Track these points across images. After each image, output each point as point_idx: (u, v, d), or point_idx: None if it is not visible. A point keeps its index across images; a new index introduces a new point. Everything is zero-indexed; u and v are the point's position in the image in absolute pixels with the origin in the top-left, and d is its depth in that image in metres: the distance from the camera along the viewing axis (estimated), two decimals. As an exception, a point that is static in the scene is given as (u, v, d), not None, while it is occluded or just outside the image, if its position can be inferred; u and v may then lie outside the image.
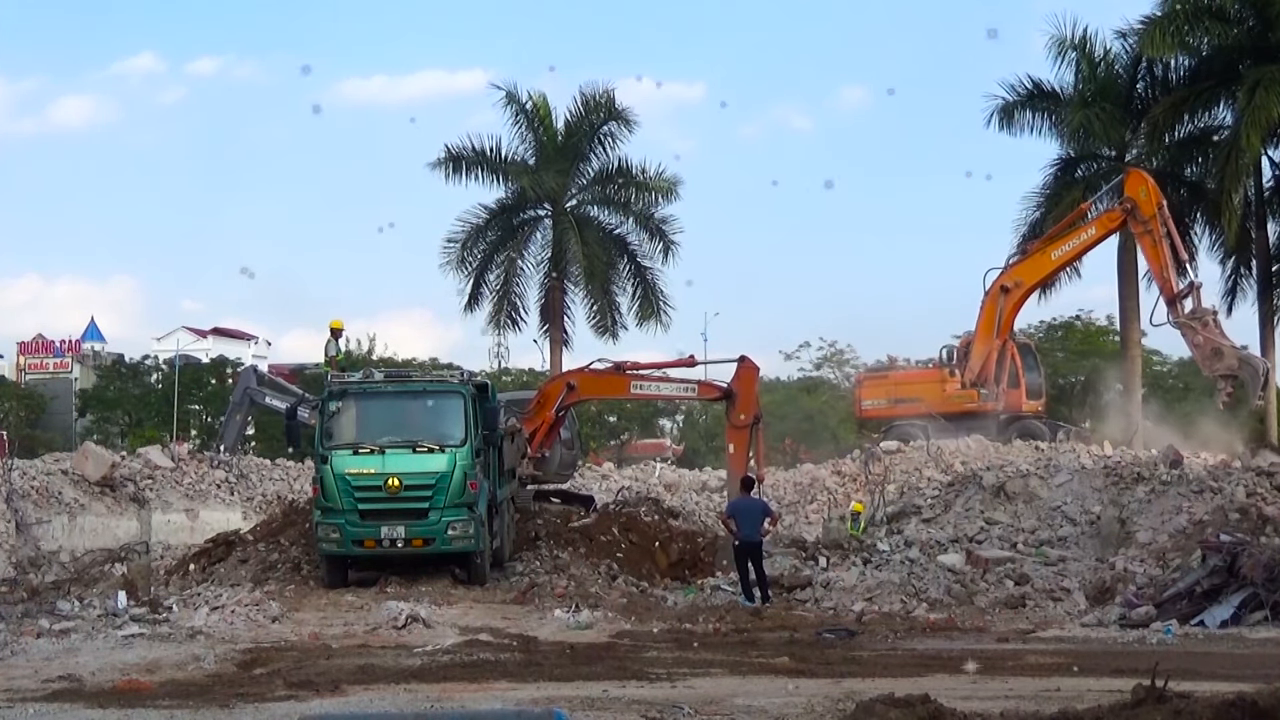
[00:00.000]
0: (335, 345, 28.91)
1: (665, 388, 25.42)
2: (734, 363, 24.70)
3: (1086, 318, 55.57)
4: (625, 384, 25.47)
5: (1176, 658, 13.96)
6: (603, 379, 25.70)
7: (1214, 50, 37.56)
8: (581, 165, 44.05)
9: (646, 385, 25.27)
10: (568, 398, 24.76)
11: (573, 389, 24.94)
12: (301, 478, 31.75)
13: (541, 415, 24.53)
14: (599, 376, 25.69)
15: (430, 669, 13.91)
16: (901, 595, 19.74)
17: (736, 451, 24.25)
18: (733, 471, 24.25)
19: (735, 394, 24.10)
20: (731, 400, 24.15)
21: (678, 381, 25.36)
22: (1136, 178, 24.57)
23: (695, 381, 25.30)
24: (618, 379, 25.44)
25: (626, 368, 25.28)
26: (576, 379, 25.49)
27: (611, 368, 25.33)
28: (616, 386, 25.96)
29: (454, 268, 43.35)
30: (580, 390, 25.18)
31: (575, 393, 24.99)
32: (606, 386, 26.08)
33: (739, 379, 24.30)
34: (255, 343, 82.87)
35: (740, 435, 24.08)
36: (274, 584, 20.79)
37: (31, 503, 27.49)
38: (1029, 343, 37.42)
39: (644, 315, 43.91)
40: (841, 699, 11.44)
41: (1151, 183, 27.38)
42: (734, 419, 24.14)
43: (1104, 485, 23.45)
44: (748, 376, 24.30)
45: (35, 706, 11.93)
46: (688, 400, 25.28)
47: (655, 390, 25.52)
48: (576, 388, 25.05)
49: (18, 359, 79.42)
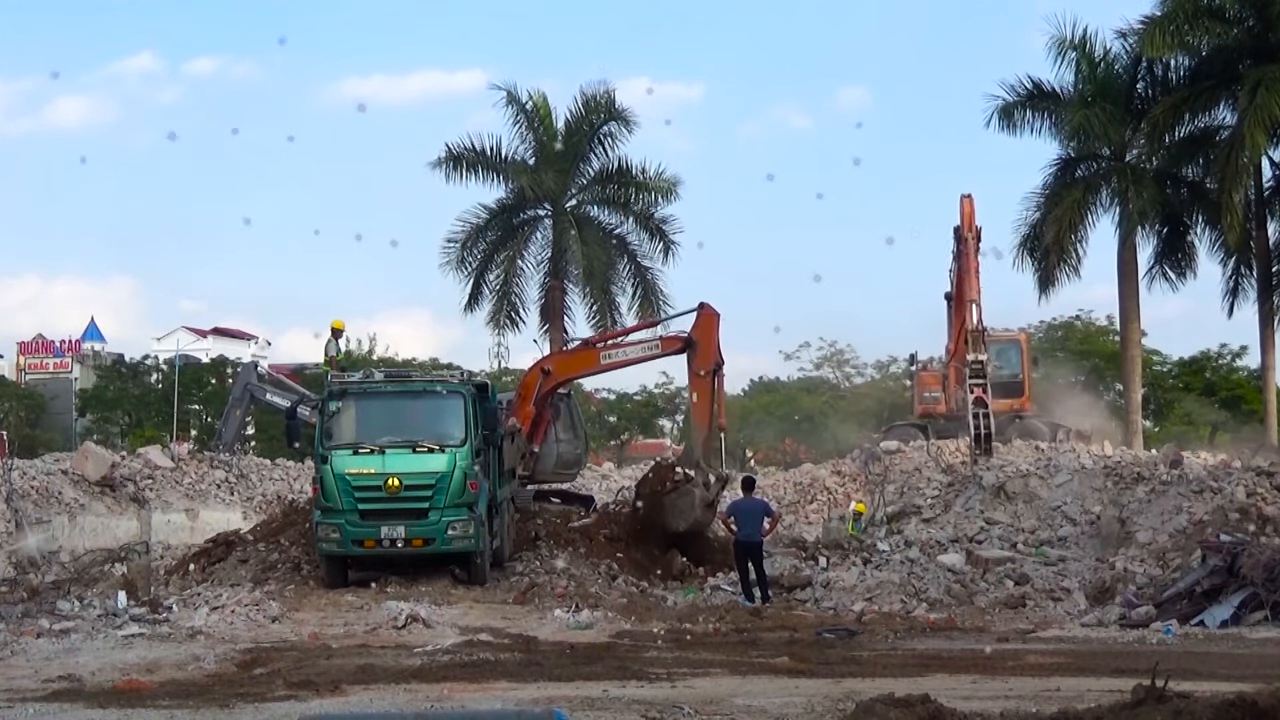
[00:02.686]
0: (335, 345, 28.90)
1: (631, 351, 24.96)
2: (694, 312, 24.23)
3: (1086, 318, 55.63)
4: (595, 356, 25.16)
5: (1176, 658, 13.96)
6: (574, 356, 25.62)
7: (1214, 50, 37.60)
8: (581, 165, 44.10)
9: (614, 353, 24.92)
10: (545, 384, 24.29)
11: (548, 374, 24.47)
12: (301, 478, 31.73)
13: (523, 410, 23.87)
14: (570, 355, 25.67)
15: (430, 669, 13.90)
16: (901, 595, 19.73)
17: (700, 400, 23.89)
18: (697, 423, 24.06)
19: (696, 342, 23.68)
20: (693, 349, 23.70)
21: (642, 342, 25.11)
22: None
23: (658, 338, 25.03)
24: (587, 353, 25.31)
25: (595, 341, 25.08)
26: (550, 363, 25.17)
27: (581, 344, 25.23)
28: (587, 360, 25.42)
29: (454, 268, 43.46)
30: (556, 373, 24.62)
31: (551, 377, 24.44)
32: (578, 363, 25.57)
33: (699, 327, 23.84)
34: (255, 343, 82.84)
35: (703, 384, 23.75)
36: (274, 584, 20.77)
37: (31, 503, 27.47)
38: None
39: (644, 315, 43.92)
40: (841, 699, 11.44)
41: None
42: (694, 368, 23.75)
43: (1104, 485, 23.44)
44: (707, 324, 23.77)
45: (35, 706, 11.92)
46: (653, 358, 24.92)
47: (623, 356, 24.94)
48: (552, 371, 24.58)
49: (18, 359, 79.42)
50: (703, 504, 22.90)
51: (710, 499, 23.05)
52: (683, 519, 22.90)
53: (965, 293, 32.06)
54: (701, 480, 22.91)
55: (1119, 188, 38.95)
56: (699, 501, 22.74)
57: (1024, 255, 40.34)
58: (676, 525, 22.88)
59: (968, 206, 32.75)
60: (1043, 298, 41.26)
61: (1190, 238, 40.41)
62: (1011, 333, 38.53)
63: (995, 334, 37.15)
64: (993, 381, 35.54)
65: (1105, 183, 39.84)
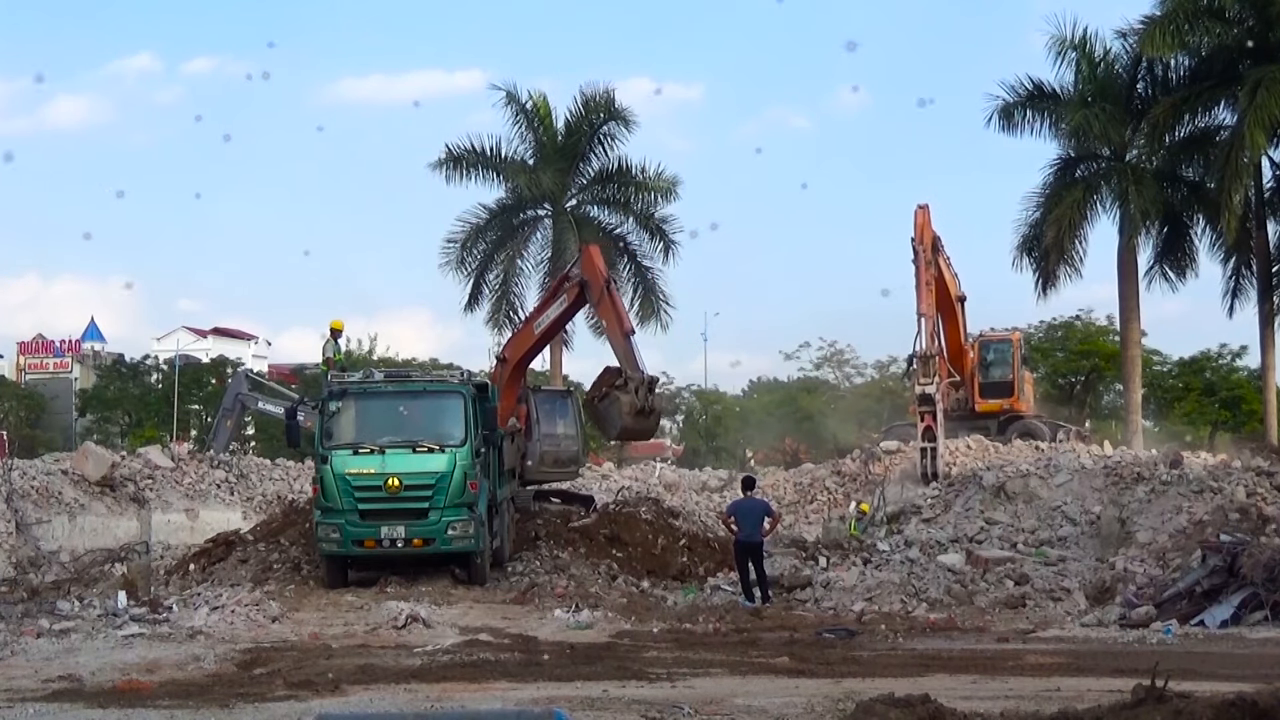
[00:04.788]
0: (334, 345, 28.87)
1: (553, 312, 25.55)
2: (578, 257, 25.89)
3: (1086, 318, 55.63)
4: (529, 329, 26.08)
5: (1176, 658, 13.94)
6: (517, 336, 26.61)
7: (1214, 50, 37.59)
8: (581, 165, 44.10)
9: (541, 320, 25.72)
10: (505, 373, 24.87)
11: (503, 361, 25.28)
12: (301, 478, 31.73)
13: (505, 405, 23.86)
14: (515, 336, 26.79)
15: (430, 669, 13.90)
16: (901, 595, 19.71)
17: (609, 323, 24.90)
18: (614, 341, 24.51)
19: (587, 280, 24.57)
20: (587, 286, 24.60)
21: (557, 301, 25.54)
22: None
23: (563, 294, 25.47)
24: (525, 329, 26.41)
25: (528, 318, 26.44)
26: (505, 350, 25.94)
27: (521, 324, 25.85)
28: (526, 337, 26.16)
29: (454, 268, 43.47)
30: (511, 359, 25.35)
31: (508, 364, 25.16)
32: (521, 342, 26.16)
33: (583, 266, 24.95)
34: (255, 342, 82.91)
35: (604, 308, 24.78)
36: (274, 584, 20.78)
37: (31, 503, 27.47)
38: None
39: (644, 315, 43.95)
40: (841, 699, 11.43)
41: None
42: (591, 300, 24.80)
43: (1104, 485, 23.43)
44: (588, 259, 24.99)
45: (35, 706, 11.91)
46: (570, 310, 25.74)
47: (548, 320, 25.64)
48: (507, 359, 25.32)
49: (18, 359, 79.48)
50: (631, 410, 23.27)
51: (640, 405, 23.40)
52: (612, 427, 23.87)
53: (917, 307, 31.34)
54: (633, 387, 23.30)
55: (1119, 188, 38.92)
56: (627, 408, 23.16)
57: (1024, 255, 40.39)
58: (609, 433, 24.17)
59: (920, 218, 31.86)
60: (1043, 298, 41.32)
61: (1190, 238, 40.43)
62: (1005, 332, 38.47)
63: (989, 334, 37.18)
64: (984, 381, 35.74)
65: (1105, 183, 39.82)
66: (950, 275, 34.16)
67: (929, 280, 31.32)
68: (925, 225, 31.71)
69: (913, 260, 31.79)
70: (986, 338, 36.78)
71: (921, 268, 31.34)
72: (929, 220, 31.86)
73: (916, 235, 31.66)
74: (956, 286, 34.55)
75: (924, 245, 31.42)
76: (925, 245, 31.44)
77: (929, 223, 31.83)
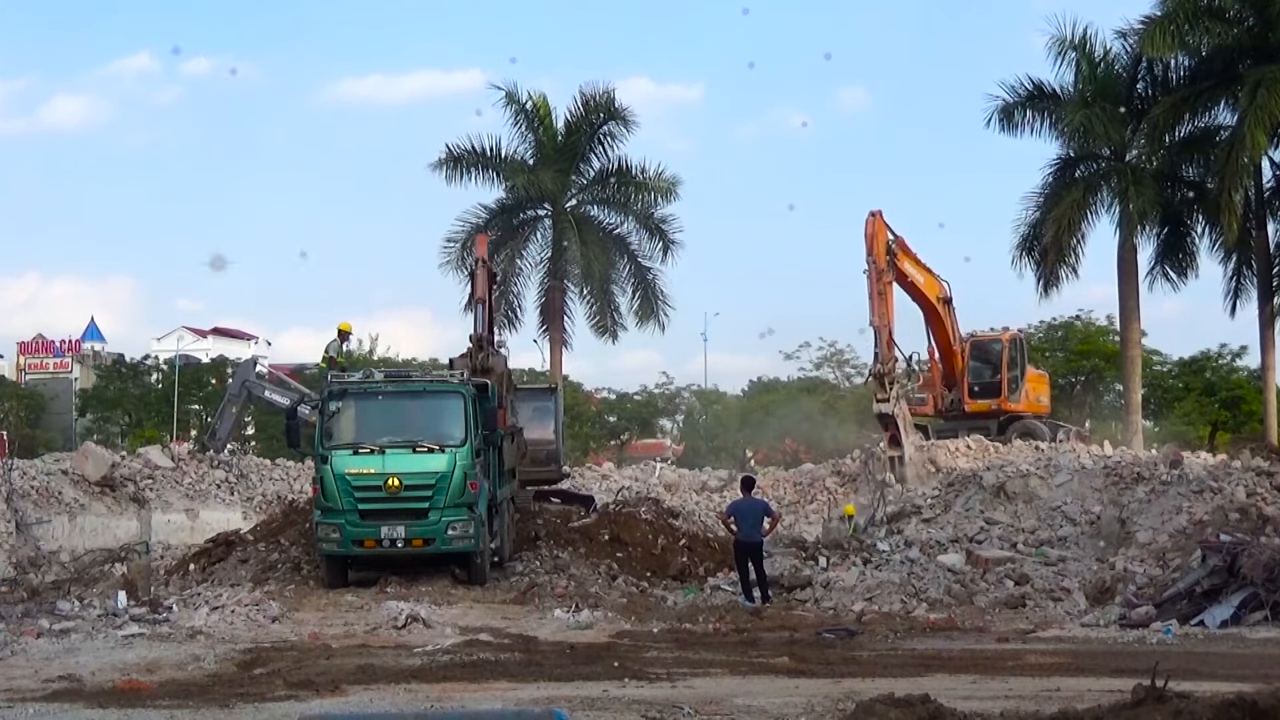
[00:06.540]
0: (339, 345, 28.88)
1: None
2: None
3: (1086, 318, 55.64)
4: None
5: (1176, 658, 13.94)
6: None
7: (1214, 50, 37.59)
8: (581, 165, 44.09)
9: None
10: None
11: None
12: (301, 478, 31.71)
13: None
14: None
15: (430, 669, 13.90)
16: (901, 595, 19.70)
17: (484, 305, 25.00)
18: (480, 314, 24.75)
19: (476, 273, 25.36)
20: (474, 279, 25.30)
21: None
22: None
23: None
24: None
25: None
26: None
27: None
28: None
29: (454, 267, 43.42)
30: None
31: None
32: None
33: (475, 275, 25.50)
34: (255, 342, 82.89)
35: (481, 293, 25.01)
36: (274, 584, 20.78)
37: (31, 503, 27.47)
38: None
39: (643, 315, 44.00)
40: (841, 699, 11.43)
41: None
42: (477, 297, 25.00)
43: (1104, 485, 23.44)
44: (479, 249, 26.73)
45: (35, 706, 11.91)
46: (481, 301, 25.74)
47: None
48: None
49: (18, 359, 79.48)
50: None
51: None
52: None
53: (870, 319, 30.92)
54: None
55: (1119, 188, 38.92)
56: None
57: (1023, 255, 40.39)
58: None
59: (870, 226, 31.27)
60: (1043, 298, 41.32)
61: (1190, 238, 40.42)
62: (994, 332, 38.51)
63: (979, 335, 37.18)
64: (975, 382, 35.79)
65: (1105, 183, 39.82)
66: (928, 277, 34.03)
67: (881, 290, 30.88)
68: (877, 234, 31.15)
69: (864, 271, 31.33)
70: (976, 338, 36.80)
71: (873, 278, 30.91)
72: (882, 228, 31.38)
73: (867, 244, 31.16)
74: (937, 287, 34.47)
75: (875, 254, 30.90)
76: (877, 254, 30.90)
77: (882, 230, 31.33)
